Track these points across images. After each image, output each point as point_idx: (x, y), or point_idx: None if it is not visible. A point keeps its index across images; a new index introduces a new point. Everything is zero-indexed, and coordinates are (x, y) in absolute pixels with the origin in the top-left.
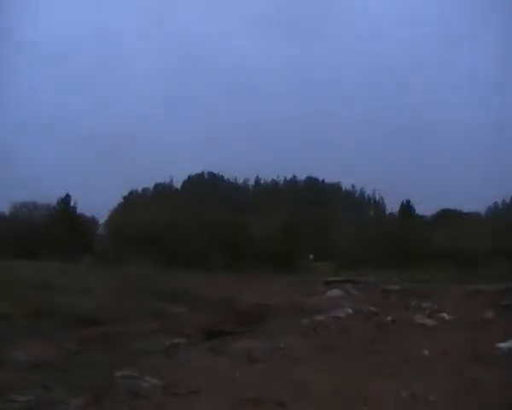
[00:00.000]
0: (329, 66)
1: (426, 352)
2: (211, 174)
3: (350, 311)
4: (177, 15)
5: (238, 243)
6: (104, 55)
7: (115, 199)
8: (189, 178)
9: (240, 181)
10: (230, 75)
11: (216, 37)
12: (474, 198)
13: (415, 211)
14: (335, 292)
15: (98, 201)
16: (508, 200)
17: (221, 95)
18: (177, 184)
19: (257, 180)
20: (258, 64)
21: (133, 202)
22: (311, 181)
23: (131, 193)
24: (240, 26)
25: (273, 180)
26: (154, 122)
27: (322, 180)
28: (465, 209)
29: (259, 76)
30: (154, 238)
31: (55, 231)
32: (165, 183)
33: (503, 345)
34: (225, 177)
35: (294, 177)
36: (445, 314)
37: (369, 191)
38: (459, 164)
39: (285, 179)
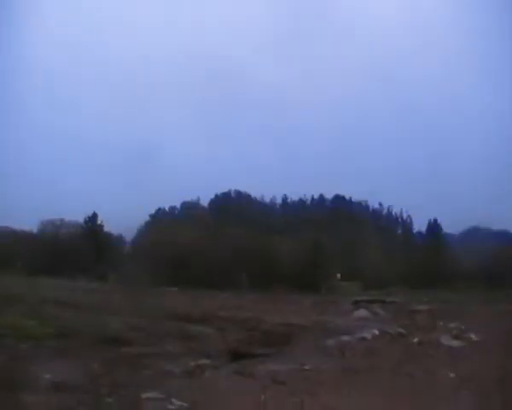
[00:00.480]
0: (358, 84)
1: (452, 375)
2: (238, 193)
3: (376, 332)
4: (204, 36)
5: (264, 262)
6: (131, 73)
7: (142, 217)
8: (216, 196)
9: (267, 200)
10: (257, 93)
11: (243, 56)
12: (503, 216)
13: (442, 229)
14: (362, 312)
15: (125, 219)
16: None
17: (248, 113)
18: (205, 203)
19: (284, 199)
20: (285, 82)
21: (160, 220)
22: (339, 199)
23: (158, 211)
24: (266, 46)
25: (300, 199)
26: (181, 141)
27: (350, 199)
28: (494, 227)
29: (286, 94)
30: (181, 258)
31: (81, 248)
32: (192, 201)
33: None
34: (252, 195)
35: (322, 195)
36: (472, 335)
37: (396, 210)
38: (489, 181)
39: (312, 198)
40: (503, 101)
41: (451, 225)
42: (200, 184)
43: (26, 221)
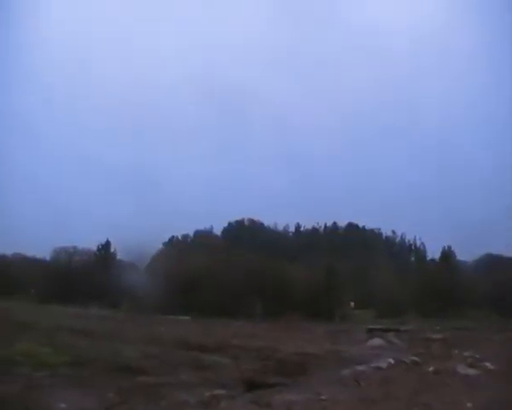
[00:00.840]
0: (370, 108)
1: (469, 405)
2: (251, 221)
3: (392, 361)
4: (211, 57)
5: (277, 289)
6: (139, 97)
7: (155, 246)
8: (230, 224)
9: (280, 228)
10: (269, 116)
11: (253, 76)
12: None
13: (456, 256)
14: (377, 341)
15: (138, 247)
16: None
17: (260, 138)
18: (218, 231)
19: (297, 227)
20: (299, 104)
21: (173, 248)
22: (352, 227)
23: (171, 239)
24: (277, 65)
25: (313, 227)
26: (193, 168)
27: (363, 227)
28: (509, 254)
29: (297, 116)
30: (194, 285)
31: (94, 276)
32: (205, 229)
33: None
34: (265, 223)
35: (335, 223)
36: (487, 364)
37: (409, 237)
38: (503, 209)
39: (325, 226)
40: None
41: (465, 253)
42: (214, 213)
43: (39, 248)
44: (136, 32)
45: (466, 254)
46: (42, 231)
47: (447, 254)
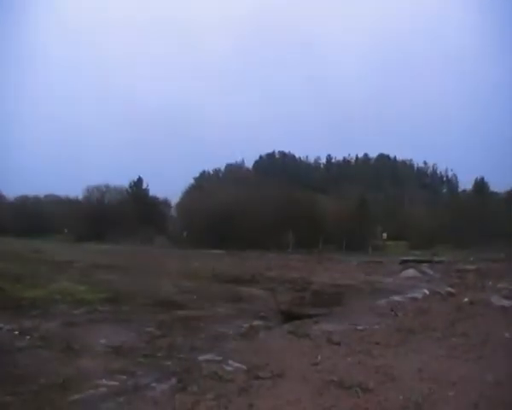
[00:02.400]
0: (400, 42)
1: (507, 334)
2: (282, 154)
3: (427, 292)
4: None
5: (310, 222)
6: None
7: (187, 180)
8: (261, 158)
9: (311, 160)
10: (299, 55)
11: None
12: None
13: (489, 188)
14: (411, 272)
15: (170, 183)
16: None
17: (292, 74)
18: (249, 164)
19: (328, 159)
20: (329, 42)
21: (205, 183)
22: (383, 159)
23: (203, 174)
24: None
25: (344, 158)
26: (225, 104)
27: (394, 157)
28: None
29: (332, 56)
30: (226, 219)
31: (127, 213)
32: (236, 163)
33: None
34: (296, 156)
35: (366, 154)
36: None
37: (441, 168)
38: None
39: (356, 157)
40: None
41: (498, 183)
42: (245, 146)
43: (72, 189)
44: None
45: (499, 185)
46: (74, 171)
47: (480, 185)
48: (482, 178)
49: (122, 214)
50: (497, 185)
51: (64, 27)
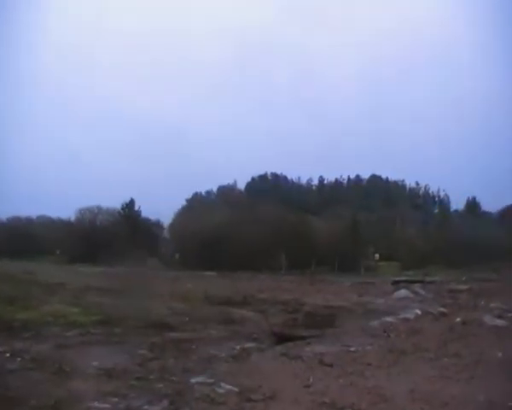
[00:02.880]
0: (393, 66)
1: (499, 354)
2: (274, 175)
3: (419, 312)
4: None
5: (302, 243)
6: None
7: (179, 202)
8: (253, 179)
9: (303, 181)
10: (292, 75)
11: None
12: None
13: (481, 208)
14: (403, 293)
15: (163, 204)
16: None
17: (284, 95)
18: (241, 186)
19: (320, 180)
20: (321, 61)
21: (197, 204)
22: (375, 179)
23: (195, 195)
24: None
25: (336, 180)
26: (217, 124)
27: (386, 178)
28: None
29: (323, 73)
30: (218, 241)
31: (119, 235)
32: (228, 185)
33: None
34: (289, 177)
35: (358, 176)
36: None
37: (433, 188)
38: None
39: (348, 178)
40: None
41: (490, 204)
42: (236, 168)
43: (64, 210)
44: None
45: (491, 205)
46: (66, 193)
47: (472, 206)
48: (474, 198)
49: (114, 236)
50: (489, 205)
51: (57, 45)
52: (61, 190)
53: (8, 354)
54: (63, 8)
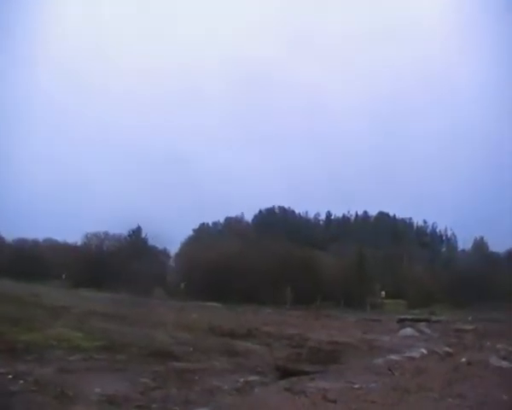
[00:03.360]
0: (402, 103)
1: (505, 397)
2: (282, 209)
3: (424, 351)
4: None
5: (308, 278)
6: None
7: (186, 232)
8: (260, 212)
9: (311, 216)
10: (300, 109)
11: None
12: None
13: (488, 248)
14: (408, 331)
15: (170, 233)
16: None
17: (293, 129)
18: (248, 218)
19: (328, 215)
20: (329, 95)
21: (204, 235)
22: (383, 216)
23: (202, 226)
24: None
25: (344, 215)
26: (225, 156)
27: (394, 215)
28: None
29: (333, 108)
30: (224, 272)
31: (125, 261)
32: (235, 217)
33: None
34: (296, 211)
35: (366, 212)
36: None
37: (441, 227)
38: None
39: (356, 214)
40: None
41: (497, 244)
42: (244, 200)
43: (71, 234)
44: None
45: (499, 245)
46: (73, 216)
47: (479, 245)
48: (482, 238)
49: (121, 262)
50: (497, 245)
51: (64, 70)
52: (68, 213)
53: (10, 376)
54: (64, 35)
